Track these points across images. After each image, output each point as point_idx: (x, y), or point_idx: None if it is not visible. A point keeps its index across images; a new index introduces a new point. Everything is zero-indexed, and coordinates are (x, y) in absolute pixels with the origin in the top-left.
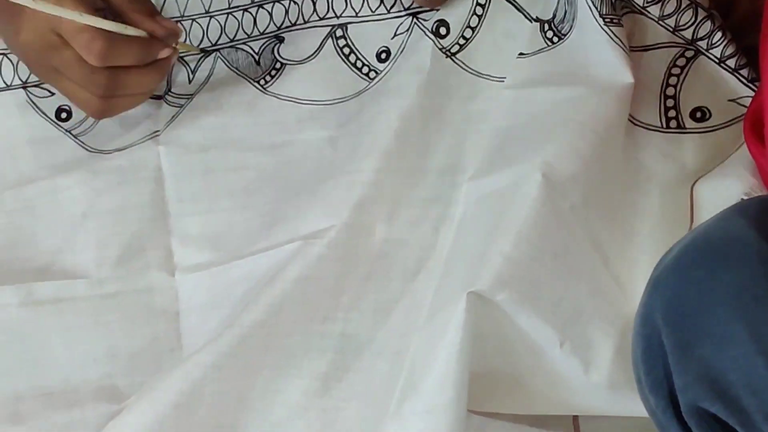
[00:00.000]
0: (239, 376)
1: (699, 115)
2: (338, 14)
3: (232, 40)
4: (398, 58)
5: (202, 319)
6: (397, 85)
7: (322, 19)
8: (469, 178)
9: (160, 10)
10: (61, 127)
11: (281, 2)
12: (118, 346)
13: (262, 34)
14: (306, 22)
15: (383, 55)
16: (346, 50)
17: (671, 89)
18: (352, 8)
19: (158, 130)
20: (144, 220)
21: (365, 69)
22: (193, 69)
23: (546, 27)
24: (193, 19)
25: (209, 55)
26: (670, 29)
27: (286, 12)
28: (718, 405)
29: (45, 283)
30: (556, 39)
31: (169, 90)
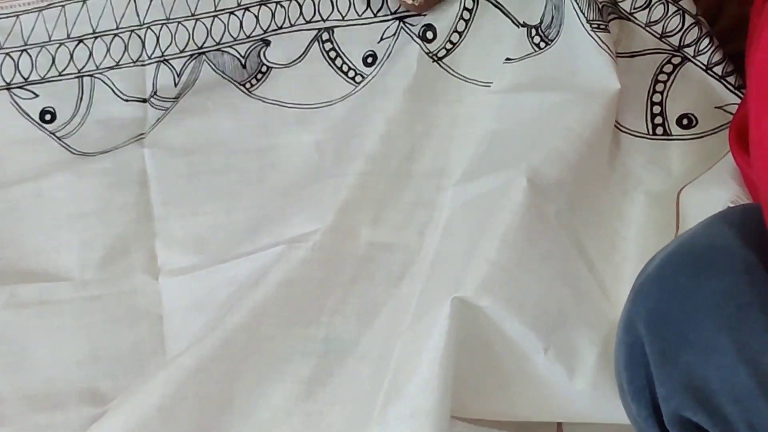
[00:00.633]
0: (222, 380)
1: (686, 121)
2: (324, 18)
3: (218, 43)
4: (385, 62)
5: (186, 322)
6: (383, 89)
7: (309, 23)
8: (455, 182)
9: (147, 12)
10: (46, 129)
11: (267, 5)
12: (101, 349)
13: (249, 37)
14: (292, 26)
15: (370, 59)
16: (333, 54)
17: (658, 96)
18: (339, 12)
19: (143, 133)
20: (128, 223)
21: (351, 73)
22: (178, 72)
23: (533, 32)
24: (179, 22)
25: (195, 58)
26: (657, 35)
27: (273, 15)
28: (701, 413)
29: (29, 285)
30: (543, 44)
31: (155, 93)
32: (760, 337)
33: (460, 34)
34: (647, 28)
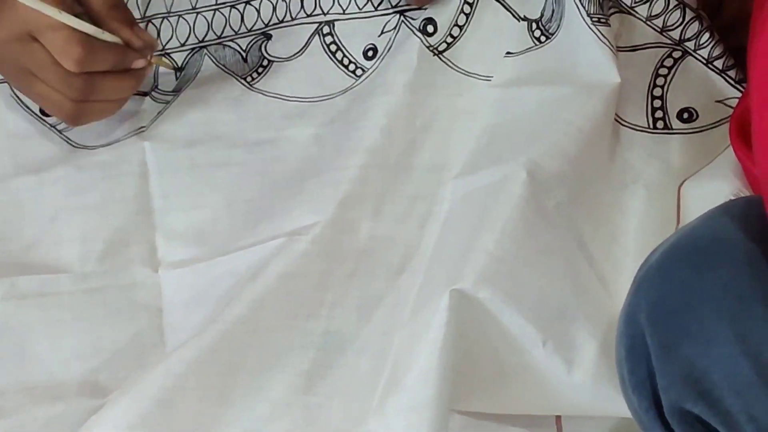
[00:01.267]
0: (222, 372)
1: (686, 115)
2: (325, 11)
3: (219, 37)
4: (385, 55)
5: (185, 315)
6: (383, 83)
7: (310, 16)
8: (455, 175)
9: (147, 5)
10: (46, 122)
11: None
12: (101, 342)
13: (250, 31)
14: (293, 20)
15: (370, 53)
16: (333, 47)
17: (658, 90)
18: (340, 5)
19: (144, 126)
20: (128, 216)
21: (352, 66)
22: (180, 65)
23: (534, 26)
24: (180, 16)
25: (197, 52)
26: (658, 29)
27: (274, 9)
28: (701, 405)
29: (29, 277)
30: (543, 38)
31: (156, 86)
32: (761, 329)
33: (460, 28)
34: (648, 22)
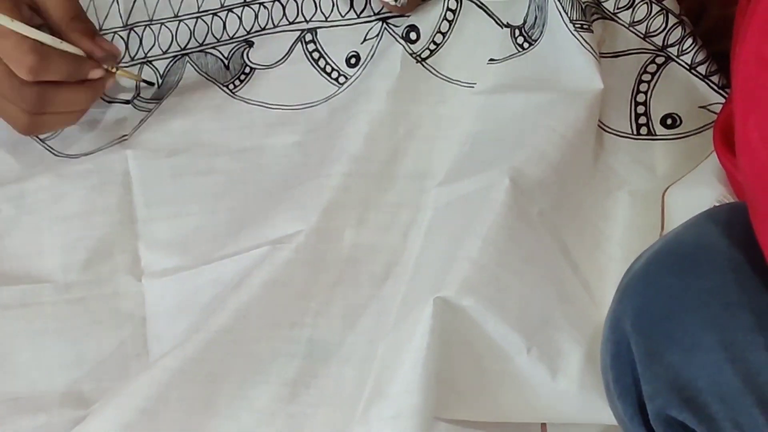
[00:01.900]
0: (206, 382)
1: (669, 121)
2: (308, 19)
3: (202, 45)
4: (368, 63)
5: (169, 324)
6: (366, 90)
7: (292, 24)
8: (438, 183)
9: (129, 13)
10: None
11: (251, 6)
12: (85, 352)
13: (232, 38)
14: (275, 27)
15: (353, 60)
16: (316, 55)
17: (642, 95)
18: (322, 13)
19: (126, 134)
20: (111, 225)
21: (335, 74)
22: (162, 73)
23: (516, 33)
24: (162, 23)
25: (178, 60)
26: (641, 35)
27: (256, 16)
28: (687, 412)
29: (11, 287)
30: (526, 45)
31: (138, 94)
32: (746, 336)
33: (443, 35)
34: (631, 28)
